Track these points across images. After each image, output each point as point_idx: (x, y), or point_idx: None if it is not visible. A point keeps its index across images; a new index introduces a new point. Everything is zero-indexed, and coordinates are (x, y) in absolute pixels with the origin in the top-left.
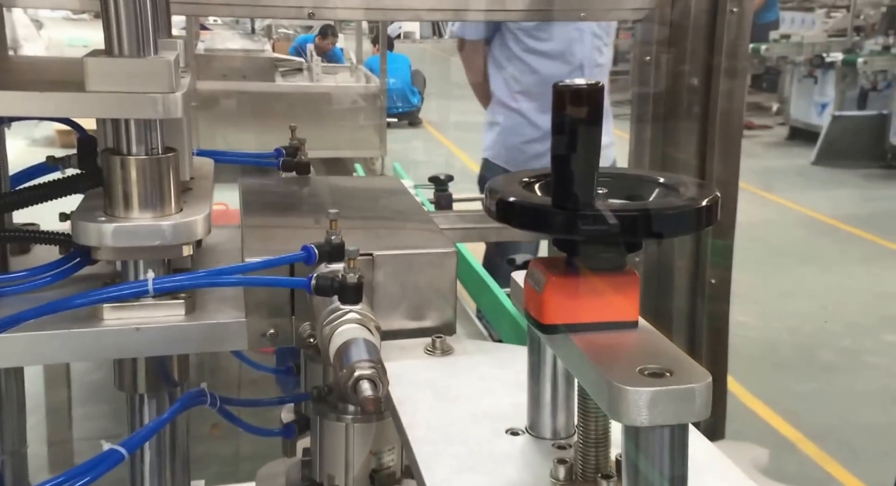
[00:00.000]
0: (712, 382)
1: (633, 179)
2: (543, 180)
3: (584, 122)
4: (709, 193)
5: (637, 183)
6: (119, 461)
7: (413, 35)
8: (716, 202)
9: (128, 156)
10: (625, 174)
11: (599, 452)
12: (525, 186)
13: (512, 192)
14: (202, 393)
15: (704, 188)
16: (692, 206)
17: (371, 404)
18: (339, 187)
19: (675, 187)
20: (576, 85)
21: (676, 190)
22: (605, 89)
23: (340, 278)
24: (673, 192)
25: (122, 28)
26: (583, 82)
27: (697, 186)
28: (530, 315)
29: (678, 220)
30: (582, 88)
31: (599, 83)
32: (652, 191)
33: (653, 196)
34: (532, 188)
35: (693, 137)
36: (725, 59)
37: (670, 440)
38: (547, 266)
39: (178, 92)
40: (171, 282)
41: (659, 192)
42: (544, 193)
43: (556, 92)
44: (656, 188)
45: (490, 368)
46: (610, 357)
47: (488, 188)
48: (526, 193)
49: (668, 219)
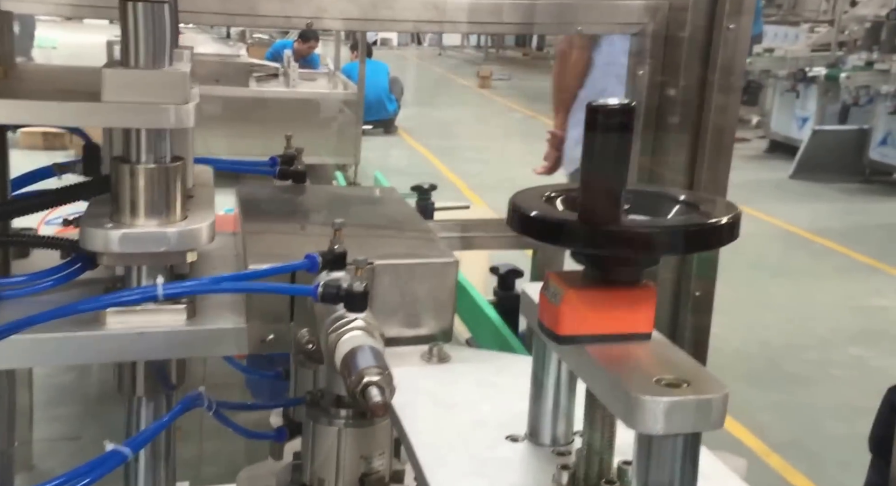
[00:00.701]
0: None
1: (654, 195)
2: (565, 195)
3: (616, 140)
4: (731, 210)
5: (658, 199)
6: (121, 462)
7: (390, 42)
8: (737, 219)
9: (137, 164)
10: (646, 191)
11: (603, 458)
12: (548, 201)
13: (535, 206)
14: (199, 397)
15: (726, 206)
16: (714, 223)
17: (380, 409)
18: (336, 196)
19: (696, 204)
20: (610, 104)
21: (697, 207)
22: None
23: (347, 287)
24: (693, 209)
25: (139, 40)
26: (616, 101)
27: (718, 204)
28: (544, 326)
29: (703, 237)
30: (616, 108)
31: (633, 102)
32: (672, 207)
33: (672, 213)
34: (554, 203)
35: (683, 151)
36: (720, 75)
37: (683, 448)
38: (564, 279)
39: (190, 103)
40: (179, 288)
41: (679, 208)
42: (566, 208)
43: (589, 110)
44: (676, 205)
45: (487, 375)
46: (626, 367)
47: (512, 202)
48: (549, 208)
49: (692, 236)
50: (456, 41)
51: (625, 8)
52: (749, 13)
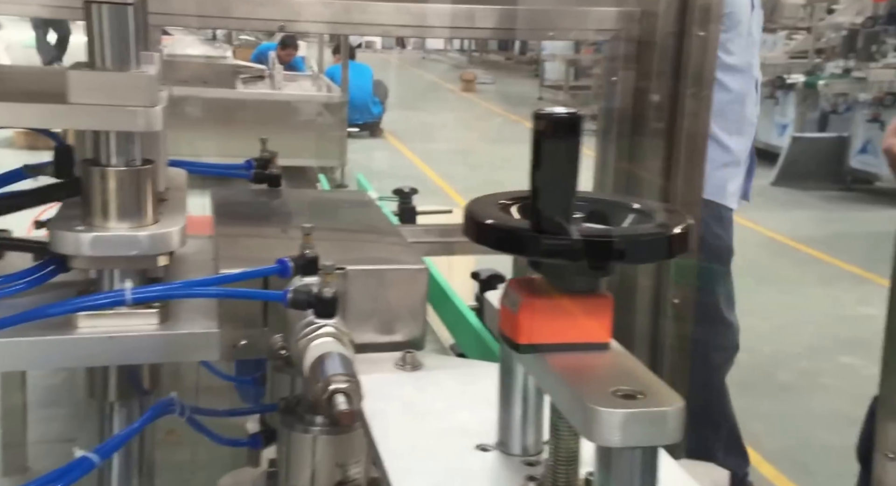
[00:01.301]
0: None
1: (608, 203)
2: (520, 203)
3: (564, 149)
4: (682, 220)
5: (611, 208)
6: (90, 469)
7: (374, 44)
8: (689, 230)
9: (107, 167)
10: (600, 199)
11: (570, 470)
12: (502, 209)
13: (490, 214)
14: (172, 403)
15: (678, 215)
16: (665, 233)
17: (346, 417)
18: (310, 200)
19: (650, 213)
20: (556, 113)
21: (651, 216)
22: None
23: (316, 293)
24: (647, 218)
25: (105, 42)
26: (563, 111)
27: (671, 213)
28: (505, 335)
29: (651, 246)
30: (563, 117)
31: (578, 111)
32: (626, 216)
33: (627, 222)
34: (508, 211)
35: (658, 157)
36: (692, 81)
37: (641, 461)
38: (523, 287)
39: (158, 106)
40: (148, 292)
41: (633, 218)
42: (521, 216)
43: (537, 119)
44: (630, 214)
45: (459, 384)
46: (584, 378)
47: (467, 210)
48: (504, 216)
49: (641, 245)
50: (440, 45)
51: (598, 14)
52: (717, 21)
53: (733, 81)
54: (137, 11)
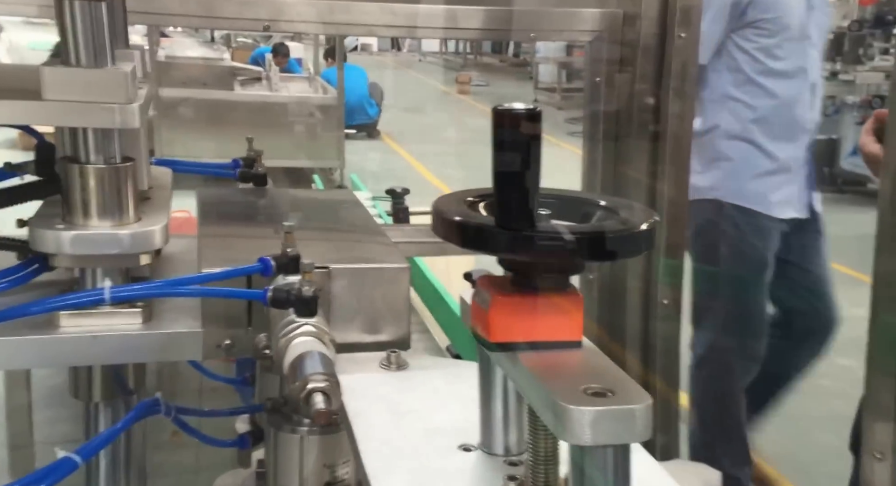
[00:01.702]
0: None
1: (576, 201)
2: (488, 200)
3: (526, 145)
4: (648, 217)
5: (579, 205)
6: (73, 469)
7: (370, 47)
8: (654, 227)
9: (86, 164)
10: (567, 196)
11: (549, 469)
12: (470, 206)
13: (456, 211)
14: (157, 403)
15: (644, 212)
16: (630, 230)
17: (323, 417)
18: (295, 199)
19: (616, 210)
20: (515, 109)
21: (617, 213)
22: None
23: (296, 291)
24: (614, 215)
25: (78, 38)
26: (522, 107)
27: (637, 210)
28: (477, 333)
29: (616, 243)
30: (521, 113)
31: (537, 108)
32: (594, 213)
33: (594, 219)
34: (476, 208)
35: (644, 157)
36: (674, 82)
37: (613, 459)
38: (493, 285)
39: (135, 103)
40: (127, 291)
41: (600, 215)
42: (489, 213)
43: (496, 114)
44: (598, 211)
45: (444, 383)
46: (555, 376)
47: (434, 207)
48: (470, 213)
49: (606, 242)
50: (435, 47)
51: (580, 16)
52: (698, 23)
53: (781, 86)
54: (113, 8)
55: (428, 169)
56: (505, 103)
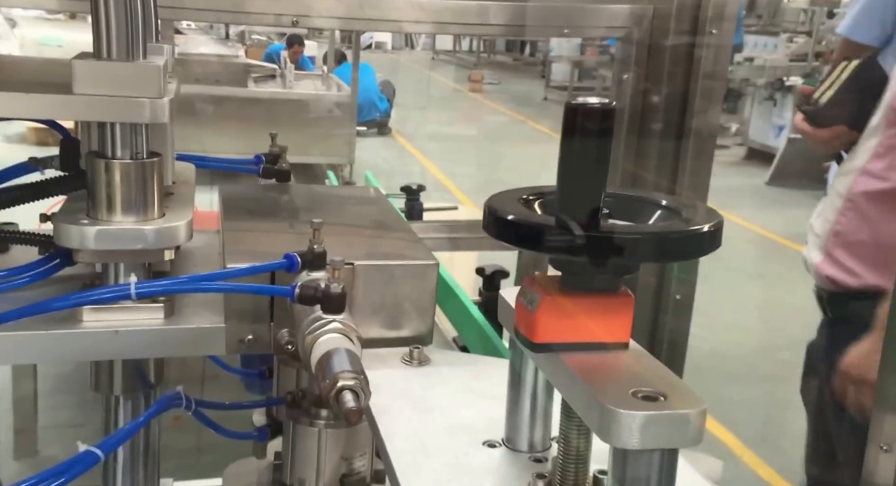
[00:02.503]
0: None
1: (635, 200)
2: (542, 198)
3: (596, 142)
4: (714, 217)
5: (639, 205)
6: (94, 463)
7: (385, 45)
8: (720, 226)
9: (113, 160)
10: (626, 195)
11: (579, 468)
12: (525, 204)
13: (512, 209)
14: (178, 396)
15: (708, 212)
16: (697, 231)
17: (354, 415)
18: (319, 195)
19: (678, 210)
20: (590, 104)
21: (679, 213)
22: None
23: (324, 288)
24: (675, 215)
25: (111, 31)
26: (596, 101)
27: (700, 210)
28: (520, 333)
29: (684, 244)
30: (596, 108)
31: (613, 102)
32: (653, 213)
33: (654, 219)
34: (531, 206)
35: (666, 156)
36: (703, 79)
37: (659, 464)
38: (541, 285)
39: (165, 97)
40: (153, 287)
41: (661, 214)
42: (543, 212)
43: (568, 110)
44: (658, 210)
45: (466, 380)
46: (602, 379)
47: (487, 206)
48: (527, 211)
49: (673, 243)
50: (448, 45)
51: (610, 12)
52: (731, 20)
53: None
54: (146, 2)
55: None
56: (579, 98)
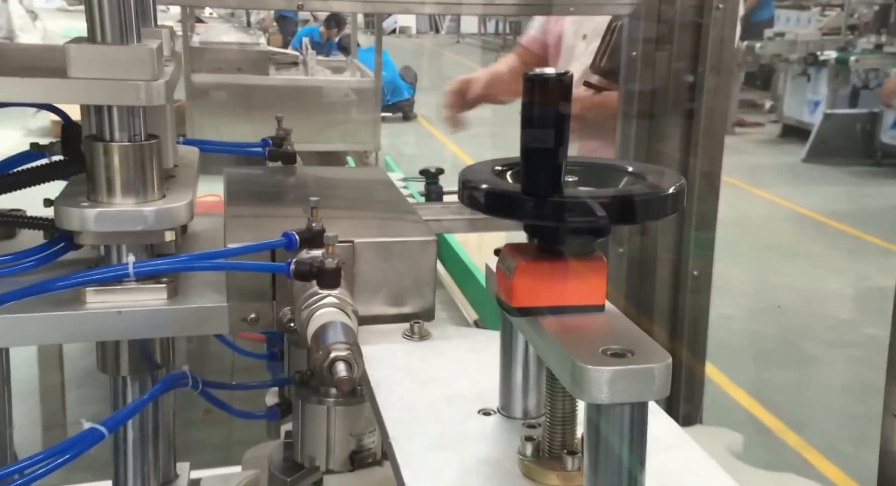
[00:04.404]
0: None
1: (603, 168)
2: (515, 168)
3: (554, 110)
4: (675, 180)
5: (606, 172)
6: (99, 440)
7: (409, 30)
8: (682, 189)
9: (111, 142)
10: (594, 163)
11: (566, 429)
12: (497, 174)
13: (483, 179)
14: (184, 376)
15: (671, 176)
16: (658, 193)
17: (345, 384)
18: (323, 177)
19: (644, 175)
20: (546, 74)
21: (644, 178)
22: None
23: (319, 263)
24: (641, 180)
25: (104, 15)
26: (552, 71)
27: (664, 175)
28: (501, 299)
29: (643, 206)
30: (551, 78)
31: (568, 73)
32: (620, 179)
33: (621, 184)
34: (504, 176)
35: (678, 132)
36: (711, 55)
37: (630, 417)
38: (517, 251)
39: (161, 80)
40: (151, 265)
41: (627, 180)
42: (515, 181)
43: (526, 80)
44: (625, 176)
45: (466, 351)
46: (575, 338)
47: (461, 177)
48: (497, 180)
49: (634, 205)
50: (473, 28)
51: None
52: None
53: None
54: None
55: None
56: (537, 70)
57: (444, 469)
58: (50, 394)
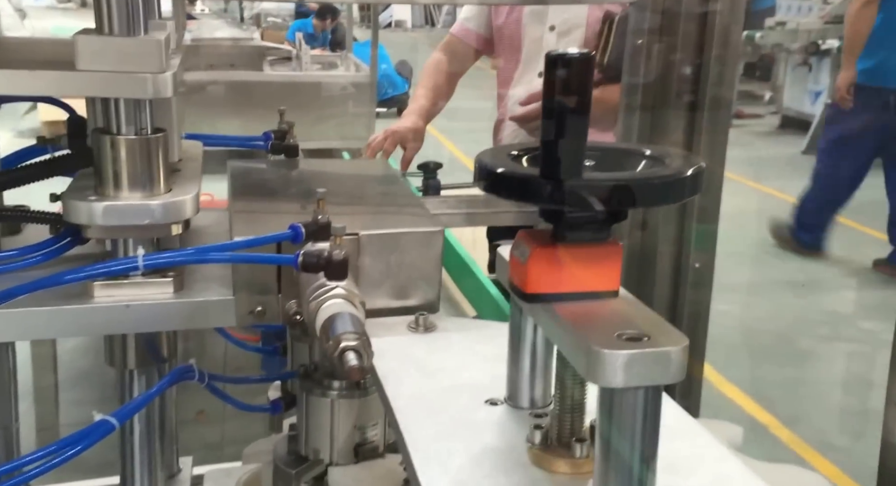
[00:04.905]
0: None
1: (621, 152)
2: (531, 154)
3: (575, 92)
4: (694, 162)
5: (624, 156)
6: (109, 432)
7: (405, 24)
8: (701, 172)
9: (117, 136)
10: (612, 148)
11: (575, 417)
12: (514, 159)
13: (501, 163)
14: (190, 369)
15: (690, 159)
16: (677, 176)
17: (356, 373)
18: (327, 170)
19: (661, 159)
20: (568, 54)
21: (662, 161)
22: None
23: (327, 255)
24: (659, 163)
25: (112, 7)
26: (575, 51)
27: (683, 158)
28: (514, 285)
29: (662, 189)
30: (574, 57)
31: (591, 52)
32: (638, 163)
33: (639, 168)
34: (520, 161)
35: (680, 124)
36: (716, 45)
37: (644, 401)
38: (532, 237)
39: (168, 72)
40: (160, 258)
41: (645, 164)
42: (531, 165)
43: (548, 61)
44: (643, 160)
45: (471, 343)
46: (589, 324)
47: (477, 161)
48: (515, 165)
49: (652, 189)
50: None
51: None
52: None
53: None
54: None
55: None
56: (559, 49)
57: (453, 457)
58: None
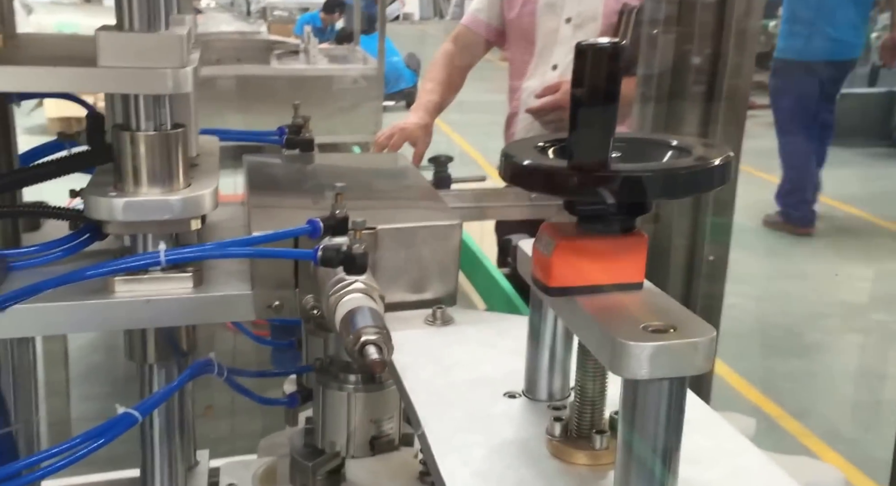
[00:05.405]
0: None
1: (646, 142)
2: (557, 145)
3: (604, 82)
4: (722, 152)
5: (650, 146)
6: (132, 425)
7: (413, 16)
8: (729, 161)
9: (137, 132)
10: (638, 138)
11: (595, 409)
12: (540, 151)
13: (527, 155)
14: (210, 363)
15: (717, 148)
16: (706, 165)
17: (378, 367)
18: (343, 164)
19: (688, 149)
20: (599, 44)
21: (689, 152)
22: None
23: (346, 250)
24: (685, 153)
25: (133, 3)
26: (606, 41)
27: (710, 147)
28: (537, 279)
29: (692, 179)
30: (605, 48)
31: (622, 42)
32: (664, 153)
33: (666, 158)
34: (546, 153)
35: (696, 114)
36: (734, 34)
37: (668, 392)
38: (557, 230)
39: (188, 67)
40: (182, 253)
41: (672, 154)
42: (557, 157)
43: (577, 51)
44: (669, 151)
45: (489, 336)
46: (615, 316)
47: (503, 153)
48: (541, 157)
49: (682, 179)
50: None
51: None
52: None
53: None
54: None
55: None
56: (590, 39)
57: (473, 449)
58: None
